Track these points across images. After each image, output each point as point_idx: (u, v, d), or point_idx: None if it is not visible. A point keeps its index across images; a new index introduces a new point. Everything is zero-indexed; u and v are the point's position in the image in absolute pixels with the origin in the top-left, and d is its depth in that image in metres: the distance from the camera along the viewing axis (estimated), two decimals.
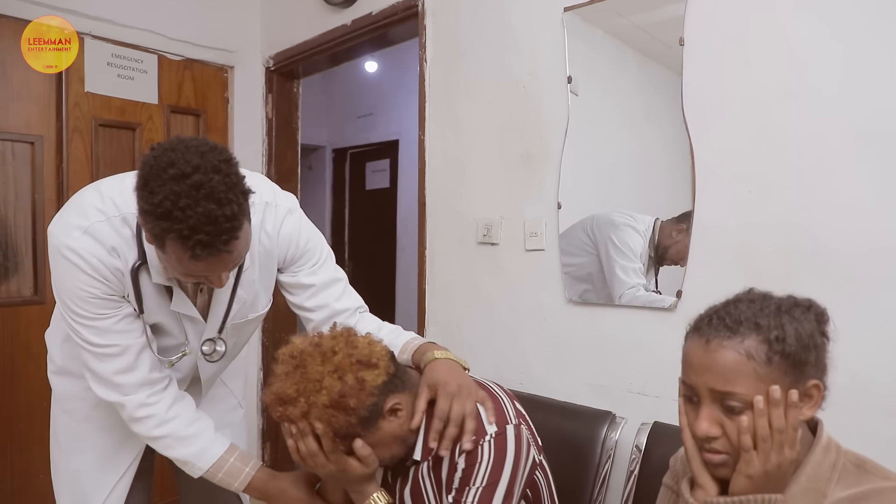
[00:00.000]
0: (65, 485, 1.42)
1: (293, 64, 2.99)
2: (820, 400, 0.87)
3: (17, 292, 2.46)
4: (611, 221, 1.80)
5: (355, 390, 1.06)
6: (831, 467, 0.87)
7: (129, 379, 1.24)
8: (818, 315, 0.89)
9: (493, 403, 1.19)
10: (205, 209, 0.96)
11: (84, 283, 1.15)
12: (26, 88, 2.46)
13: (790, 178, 1.43)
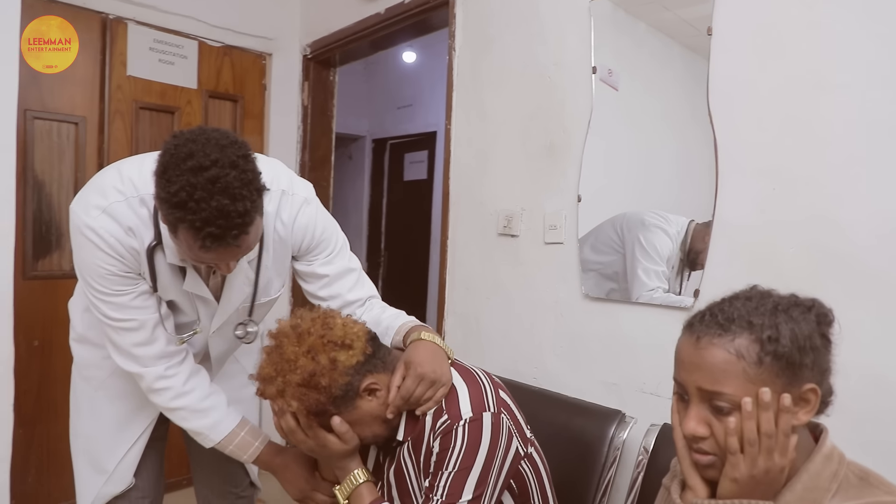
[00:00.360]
0: (81, 448, 1.48)
1: (329, 52, 3.03)
2: (817, 405, 0.82)
3: (57, 266, 2.56)
4: (641, 221, 1.75)
5: (327, 370, 1.08)
6: (831, 478, 0.83)
7: (147, 351, 1.28)
8: (820, 316, 0.84)
9: (473, 390, 1.18)
10: (218, 203, 0.98)
11: (102, 260, 1.19)
12: (72, 71, 2.55)
13: (817, 175, 1.36)
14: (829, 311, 0.86)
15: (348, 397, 1.13)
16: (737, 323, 0.82)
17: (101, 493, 1.43)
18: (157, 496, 1.54)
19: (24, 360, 2.38)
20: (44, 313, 2.52)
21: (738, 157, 1.48)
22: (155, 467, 1.52)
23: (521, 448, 1.20)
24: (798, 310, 0.83)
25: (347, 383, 1.12)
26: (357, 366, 1.12)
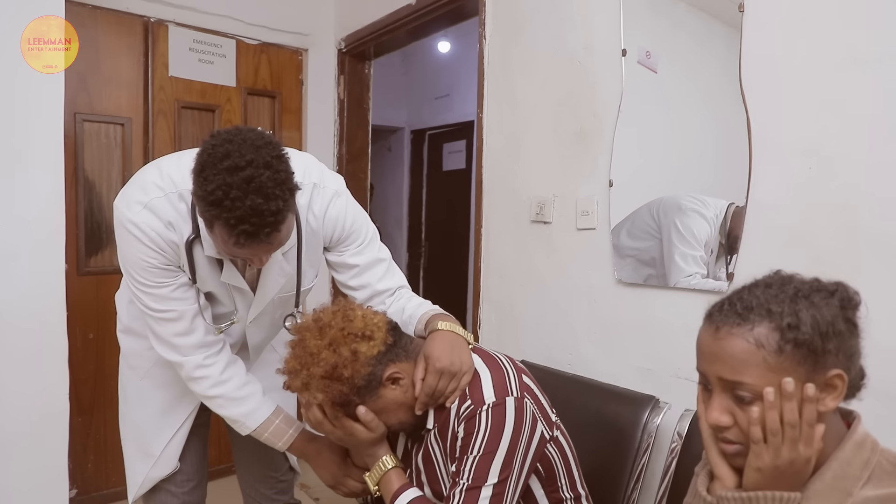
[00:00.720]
0: (130, 434, 1.56)
1: (364, 45, 3.05)
2: (844, 390, 0.80)
3: (109, 262, 2.68)
4: (678, 206, 1.71)
5: (349, 361, 1.11)
6: (862, 465, 0.81)
7: (186, 341, 1.34)
8: (844, 300, 0.82)
9: (496, 375, 1.19)
10: (252, 202, 1.02)
11: (143, 253, 1.24)
12: (117, 74, 2.66)
13: (856, 154, 1.31)
14: (854, 294, 0.84)
15: (371, 387, 1.15)
16: (756, 311, 0.80)
17: (149, 476, 1.50)
18: (202, 479, 1.60)
19: (81, 352, 2.50)
20: (97, 307, 2.64)
21: (773, 137, 1.44)
22: (199, 452, 1.58)
23: (547, 432, 1.21)
24: (820, 295, 0.81)
25: (370, 373, 1.14)
26: (379, 356, 1.15)
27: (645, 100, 1.79)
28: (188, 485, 1.55)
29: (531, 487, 1.22)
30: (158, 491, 1.52)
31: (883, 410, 1.26)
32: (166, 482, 1.52)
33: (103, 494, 2.70)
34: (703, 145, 1.71)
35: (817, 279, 0.85)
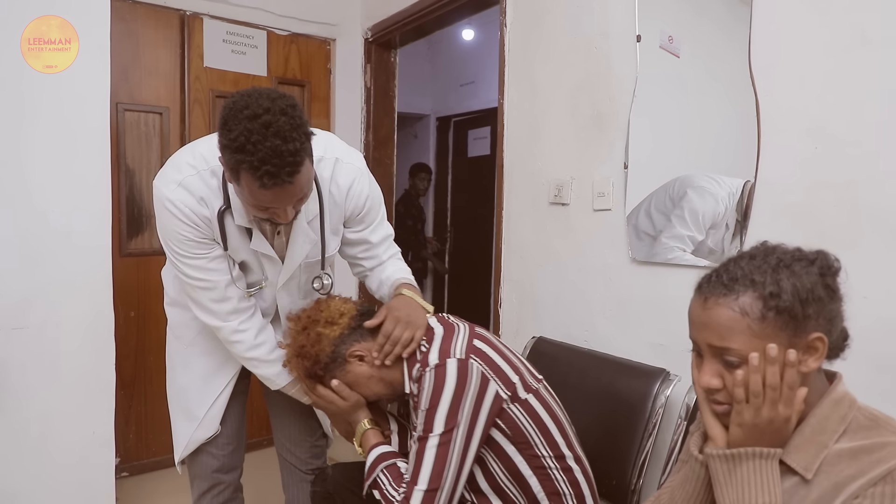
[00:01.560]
0: (175, 398, 1.69)
1: (390, 34, 3.14)
2: (825, 352, 0.87)
3: (148, 244, 2.82)
4: (692, 183, 1.76)
5: (314, 342, 1.38)
6: (839, 420, 0.87)
7: (222, 307, 1.47)
8: (823, 268, 0.88)
9: (445, 339, 1.34)
10: (272, 144, 1.13)
11: (180, 227, 1.36)
12: (156, 66, 2.79)
13: (861, 134, 1.35)
14: (833, 261, 0.90)
15: (338, 363, 1.40)
16: (740, 282, 0.87)
17: (193, 437, 1.63)
18: (240, 444, 1.73)
19: (123, 329, 2.65)
20: (138, 287, 2.79)
21: (780, 118, 1.49)
22: (238, 418, 1.70)
23: (504, 393, 1.31)
24: (801, 264, 0.87)
25: (333, 351, 1.39)
26: (341, 337, 1.39)
27: (663, 84, 1.84)
28: (228, 448, 1.67)
29: (502, 446, 1.33)
30: (201, 453, 1.65)
31: (886, 381, 1.32)
32: (208, 445, 1.64)
33: (144, 463, 2.87)
34: (720, 128, 1.75)
35: (799, 249, 0.91)
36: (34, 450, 2.00)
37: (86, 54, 1.99)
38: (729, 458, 0.88)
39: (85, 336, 2.06)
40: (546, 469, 1.33)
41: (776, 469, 0.86)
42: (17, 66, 1.90)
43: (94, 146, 2.04)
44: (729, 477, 0.88)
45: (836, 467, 0.84)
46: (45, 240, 1.97)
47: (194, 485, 1.69)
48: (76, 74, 1.99)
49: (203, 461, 1.66)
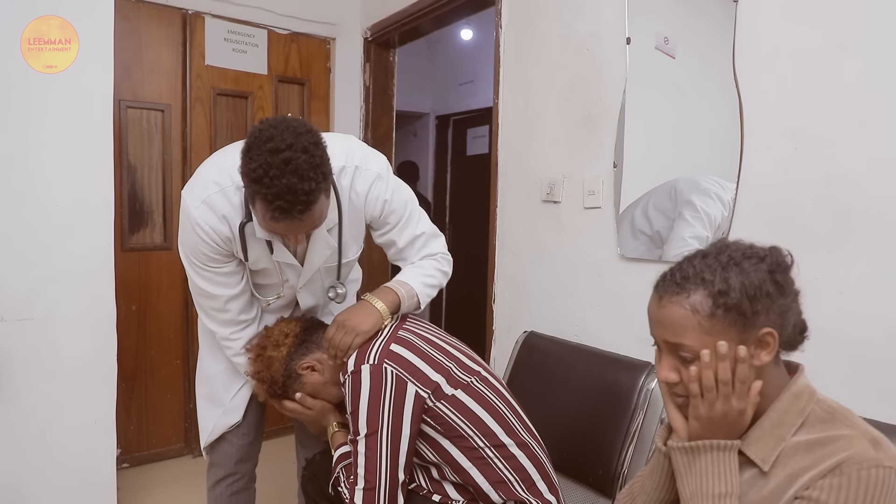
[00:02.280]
0: (203, 385, 1.76)
1: (389, 34, 3.18)
2: (776, 346, 0.90)
3: (150, 239, 2.88)
4: (696, 185, 1.77)
5: (266, 366, 1.50)
6: (798, 414, 0.91)
7: (220, 316, 1.57)
8: (773, 264, 0.91)
9: (362, 347, 1.41)
10: (288, 181, 1.17)
11: (198, 243, 1.44)
12: (158, 63, 2.83)
13: (839, 134, 1.40)
14: (784, 258, 0.93)
15: (293, 378, 1.51)
16: (691, 280, 0.90)
17: (219, 423, 1.71)
18: (258, 436, 1.80)
19: (124, 322, 2.70)
20: (139, 281, 2.84)
21: (763, 120, 1.54)
22: (258, 410, 1.77)
23: (423, 391, 1.36)
24: (750, 261, 0.90)
25: (286, 369, 1.50)
26: (289, 355, 1.49)
27: (656, 84, 1.88)
28: (247, 438, 1.75)
29: (437, 440, 1.39)
30: (222, 442, 1.73)
31: (862, 375, 1.37)
32: (229, 434, 1.72)
33: (144, 455, 2.92)
34: (715, 128, 1.78)
35: (752, 246, 0.94)
36: (37, 439, 2.04)
37: (90, 52, 2.04)
38: (688, 450, 0.93)
39: (87, 328, 2.11)
40: (485, 459, 1.37)
41: (734, 460, 0.90)
42: (21, 64, 1.94)
43: (98, 142, 2.09)
44: (689, 468, 0.93)
45: (792, 459, 0.88)
46: (49, 234, 2.02)
47: (211, 472, 1.76)
48: (80, 72, 2.03)
49: (224, 450, 1.73)
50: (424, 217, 1.64)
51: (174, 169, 2.89)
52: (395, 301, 1.49)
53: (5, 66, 1.93)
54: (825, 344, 1.42)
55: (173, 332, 2.94)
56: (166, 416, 2.97)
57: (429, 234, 1.63)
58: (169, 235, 2.89)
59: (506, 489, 1.37)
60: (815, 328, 1.40)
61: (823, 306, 1.43)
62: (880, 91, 1.33)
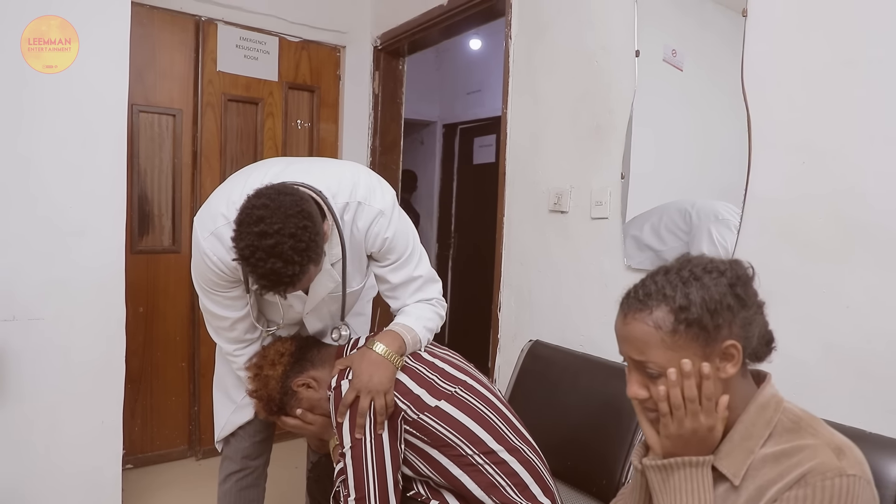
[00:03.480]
0: (219, 382, 1.80)
1: (398, 43, 3.21)
2: (741, 357, 0.90)
3: (158, 242, 2.90)
4: (715, 213, 1.73)
5: (263, 384, 1.52)
6: (765, 425, 0.91)
7: (227, 334, 1.61)
8: (733, 278, 0.91)
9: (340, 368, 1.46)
10: (273, 266, 1.21)
11: (206, 271, 1.47)
12: (170, 69, 2.87)
13: (846, 149, 1.42)
14: (745, 271, 0.93)
15: (289, 395, 1.52)
16: (653, 297, 0.91)
17: (230, 420, 1.74)
18: (270, 434, 1.83)
19: (132, 324, 2.71)
20: (147, 284, 2.86)
21: (771, 133, 1.56)
22: None
23: (402, 403, 1.39)
24: (711, 276, 0.91)
25: (282, 387, 1.51)
26: (285, 373, 1.51)
27: (664, 97, 1.89)
28: (259, 435, 1.78)
29: (425, 450, 1.41)
30: (234, 436, 1.76)
31: (867, 388, 1.38)
32: (242, 429, 1.75)
33: (148, 456, 2.93)
34: (722, 140, 1.78)
35: (712, 260, 0.94)
36: (45, 437, 2.07)
37: (105, 58, 2.08)
38: (662, 468, 0.94)
39: (97, 329, 2.13)
40: (475, 466, 1.38)
41: (708, 476, 0.91)
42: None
43: (112, 146, 2.12)
44: (663, 485, 0.93)
45: (760, 471, 0.88)
46: (61, 235, 2.05)
47: (223, 465, 1.80)
48: (96, 76, 2.06)
49: (235, 444, 1.77)
50: (425, 259, 1.63)
51: (184, 173, 2.92)
52: (403, 348, 1.49)
53: (23, 69, 1.96)
54: (831, 357, 1.44)
55: (179, 334, 2.96)
56: (171, 418, 2.98)
57: (426, 279, 1.61)
58: (177, 239, 2.91)
59: (498, 493, 1.38)
60: (820, 341, 1.44)
61: (829, 319, 1.44)
62: (888, 106, 1.34)
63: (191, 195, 2.95)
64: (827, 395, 1.44)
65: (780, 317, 1.50)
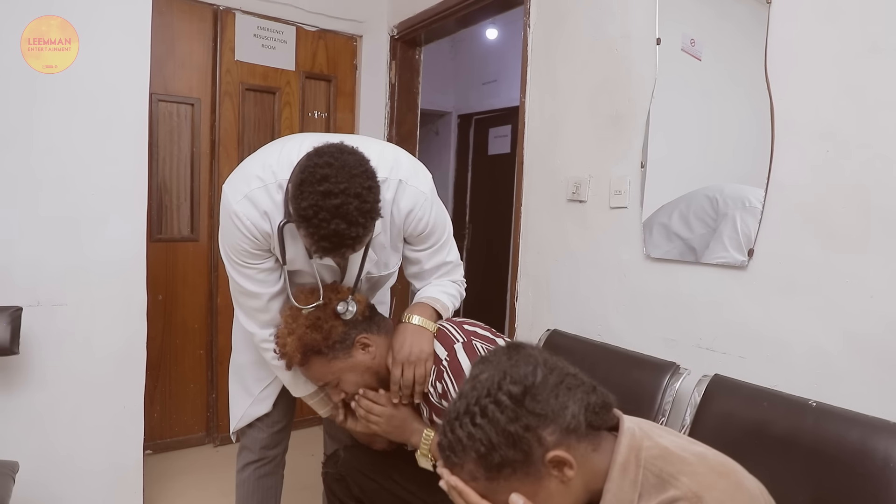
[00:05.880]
0: (236, 373, 1.77)
1: (415, 32, 3.21)
2: (571, 460, 0.85)
3: (177, 231, 2.93)
4: (743, 201, 1.71)
5: (330, 318, 1.44)
6: (631, 487, 0.87)
7: (261, 316, 1.54)
8: (518, 395, 0.86)
9: (439, 334, 1.44)
10: (337, 227, 1.17)
11: (239, 238, 1.41)
12: (189, 58, 2.88)
13: (870, 138, 1.40)
14: (524, 376, 0.87)
15: (345, 345, 1.44)
16: (457, 451, 0.87)
17: (247, 412, 1.72)
18: (288, 424, 1.81)
19: (151, 311, 2.72)
20: (166, 271, 2.89)
21: (794, 122, 1.54)
22: (289, 401, 1.77)
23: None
24: (493, 406, 0.85)
25: (345, 333, 1.44)
26: (354, 322, 1.45)
27: (683, 86, 1.88)
28: (277, 426, 1.76)
29: None
30: (252, 427, 1.74)
31: (891, 378, 1.37)
32: (259, 420, 1.73)
33: (168, 442, 2.97)
34: (740, 130, 1.77)
35: (491, 378, 0.88)
36: (68, 422, 2.10)
37: (127, 48, 2.09)
38: None
39: (119, 315, 2.16)
40: None
41: None
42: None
43: (132, 136, 2.14)
44: None
45: None
46: (84, 222, 2.07)
47: (241, 455, 1.78)
48: (117, 67, 2.08)
49: (253, 435, 1.75)
50: (454, 245, 1.64)
51: (202, 162, 2.94)
52: (434, 315, 1.50)
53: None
54: (854, 346, 1.43)
55: (198, 322, 2.99)
56: (189, 405, 3.02)
57: (454, 264, 1.65)
58: (196, 227, 2.94)
59: None
60: (843, 331, 1.43)
61: (853, 309, 1.43)
62: None
63: (209, 184, 2.97)
64: (850, 385, 1.43)
65: (802, 306, 1.52)
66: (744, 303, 1.66)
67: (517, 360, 0.90)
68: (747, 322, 1.65)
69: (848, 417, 1.30)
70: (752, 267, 1.62)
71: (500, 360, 0.91)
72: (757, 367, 1.61)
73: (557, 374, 0.89)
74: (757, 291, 1.62)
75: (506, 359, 0.91)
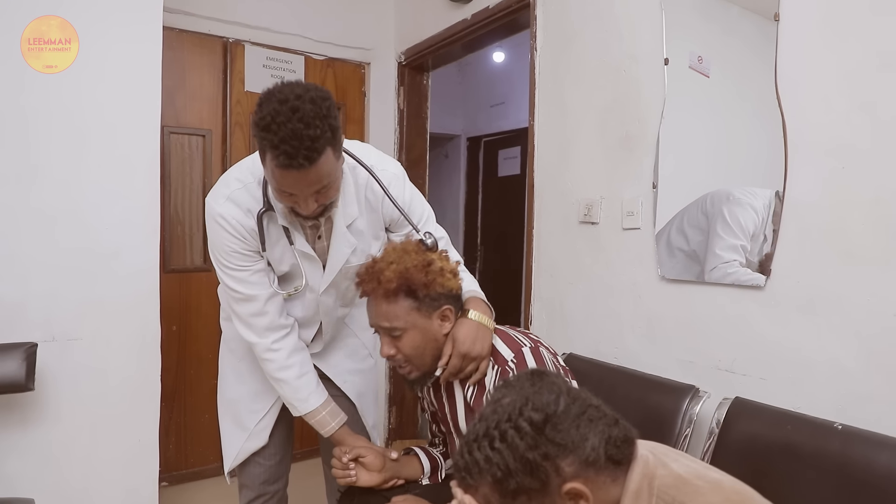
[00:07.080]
0: (226, 410, 1.74)
1: (422, 58, 3.23)
2: (587, 493, 0.83)
3: (190, 261, 2.94)
4: (727, 196, 1.76)
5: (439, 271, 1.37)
6: None
7: (259, 321, 1.52)
8: (539, 422, 0.84)
9: (504, 336, 1.41)
10: (294, 127, 1.18)
11: (227, 240, 1.44)
12: (200, 90, 2.92)
13: (886, 154, 1.38)
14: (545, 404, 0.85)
15: (434, 305, 1.37)
16: (472, 474, 0.86)
17: (243, 448, 1.68)
18: (286, 455, 1.78)
19: (165, 342, 2.73)
20: (180, 302, 2.90)
21: (807, 137, 1.52)
22: (286, 430, 1.75)
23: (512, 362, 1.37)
24: (513, 432, 0.84)
25: (441, 294, 1.37)
26: (450, 290, 1.39)
27: (691, 105, 1.87)
28: (275, 458, 1.72)
29: None
30: (249, 463, 1.70)
31: None
32: (256, 455, 1.69)
33: (183, 473, 2.95)
34: (750, 147, 1.77)
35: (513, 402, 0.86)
36: (83, 457, 2.09)
37: (139, 82, 2.12)
38: None
39: (133, 348, 2.16)
40: None
41: None
42: (76, 91, 2.03)
43: (145, 169, 2.16)
44: None
45: None
46: (98, 256, 2.08)
47: (242, 493, 1.74)
48: (130, 101, 2.11)
49: (251, 471, 1.71)
50: (438, 226, 1.65)
51: None
52: (488, 311, 1.47)
53: (61, 94, 2.01)
54: (877, 366, 1.40)
55: (212, 352, 2.95)
56: (204, 436, 3.00)
57: (447, 240, 1.63)
58: (208, 258, 2.93)
59: None
60: (865, 350, 1.40)
61: (874, 328, 1.40)
62: None
63: None
64: (875, 406, 1.39)
65: (822, 326, 1.49)
66: (762, 323, 1.63)
67: (540, 387, 0.88)
68: (767, 343, 1.62)
69: (877, 441, 1.26)
70: (770, 286, 1.60)
71: (523, 386, 0.89)
72: (778, 389, 1.58)
73: (580, 405, 0.87)
74: (776, 311, 1.59)
75: (529, 385, 0.89)
